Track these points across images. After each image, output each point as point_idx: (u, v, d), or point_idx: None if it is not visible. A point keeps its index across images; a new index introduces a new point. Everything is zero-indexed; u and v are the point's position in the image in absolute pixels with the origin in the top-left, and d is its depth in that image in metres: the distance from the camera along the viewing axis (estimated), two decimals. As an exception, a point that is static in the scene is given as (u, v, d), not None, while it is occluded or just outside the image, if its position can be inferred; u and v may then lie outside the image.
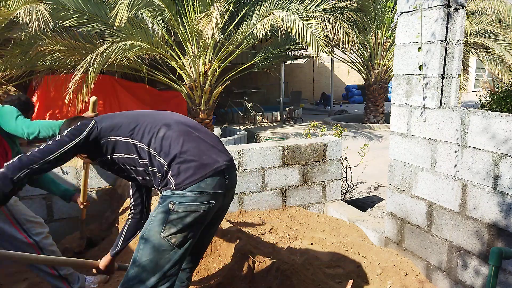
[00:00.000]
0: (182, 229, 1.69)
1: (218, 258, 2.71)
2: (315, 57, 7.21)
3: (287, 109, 12.90)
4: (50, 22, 5.72)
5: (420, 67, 2.70)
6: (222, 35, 8.34)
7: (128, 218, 2.04)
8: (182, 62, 7.92)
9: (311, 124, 5.58)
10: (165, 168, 1.72)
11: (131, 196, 2.05)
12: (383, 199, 4.90)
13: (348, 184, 5.03)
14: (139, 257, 1.70)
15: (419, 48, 2.68)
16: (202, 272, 2.65)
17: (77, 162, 3.48)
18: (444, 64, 2.65)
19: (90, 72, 6.38)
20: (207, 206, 1.71)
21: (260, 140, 9.65)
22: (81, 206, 2.96)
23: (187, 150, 1.73)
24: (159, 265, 1.69)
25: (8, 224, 2.30)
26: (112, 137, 1.81)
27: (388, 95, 15.25)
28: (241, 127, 11.53)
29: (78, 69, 6.37)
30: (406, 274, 2.83)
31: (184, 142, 1.75)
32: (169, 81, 8.30)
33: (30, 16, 5.49)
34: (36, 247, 2.33)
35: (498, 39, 8.90)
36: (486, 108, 4.68)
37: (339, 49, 10.92)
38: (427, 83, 2.72)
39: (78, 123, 1.82)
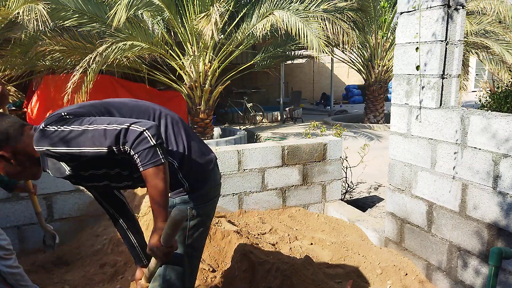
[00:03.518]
0: (203, 231, 1.67)
1: (219, 258, 2.71)
2: (315, 57, 7.19)
3: (287, 109, 12.89)
4: (49, 22, 5.72)
5: (417, 68, 2.70)
6: (222, 35, 8.34)
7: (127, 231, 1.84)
8: (182, 62, 7.92)
9: (311, 124, 5.58)
10: (175, 167, 1.58)
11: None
12: (383, 199, 4.90)
13: (348, 184, 5.02)
14: (168, 273, 1.60)
15: (417, 48, 2.69)
16: (204, 272, 2.65)
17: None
18: (444, 64, 2.65)
19: (89, 72, 6.38)
20: (216, 199, 1.74)
21: (260, 140, 9.64)
22: (31, 190, 2.53)
23: (191, 146, 1.65)
24: (186, 273, 1.64)
25: None
26: None
27: (388, 95, 15.25)
28: (241, 127, 11.53)
29: (77, 69, 6.37)
30: (406, 274, 2.83)
31: (186, 137, 1.65)
32: (169, 81, 8.30)
33: (29, 16, 5.50)
34: None
35: (498, 39, 8.90)
36: (486, 108, 4.69)
37: (339, 49, 10.92)
38: (427, 83, 2.71)
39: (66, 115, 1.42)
